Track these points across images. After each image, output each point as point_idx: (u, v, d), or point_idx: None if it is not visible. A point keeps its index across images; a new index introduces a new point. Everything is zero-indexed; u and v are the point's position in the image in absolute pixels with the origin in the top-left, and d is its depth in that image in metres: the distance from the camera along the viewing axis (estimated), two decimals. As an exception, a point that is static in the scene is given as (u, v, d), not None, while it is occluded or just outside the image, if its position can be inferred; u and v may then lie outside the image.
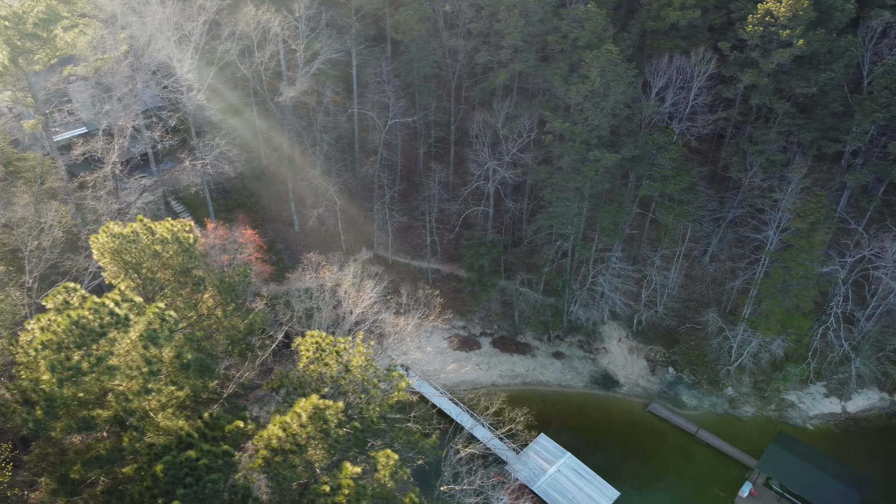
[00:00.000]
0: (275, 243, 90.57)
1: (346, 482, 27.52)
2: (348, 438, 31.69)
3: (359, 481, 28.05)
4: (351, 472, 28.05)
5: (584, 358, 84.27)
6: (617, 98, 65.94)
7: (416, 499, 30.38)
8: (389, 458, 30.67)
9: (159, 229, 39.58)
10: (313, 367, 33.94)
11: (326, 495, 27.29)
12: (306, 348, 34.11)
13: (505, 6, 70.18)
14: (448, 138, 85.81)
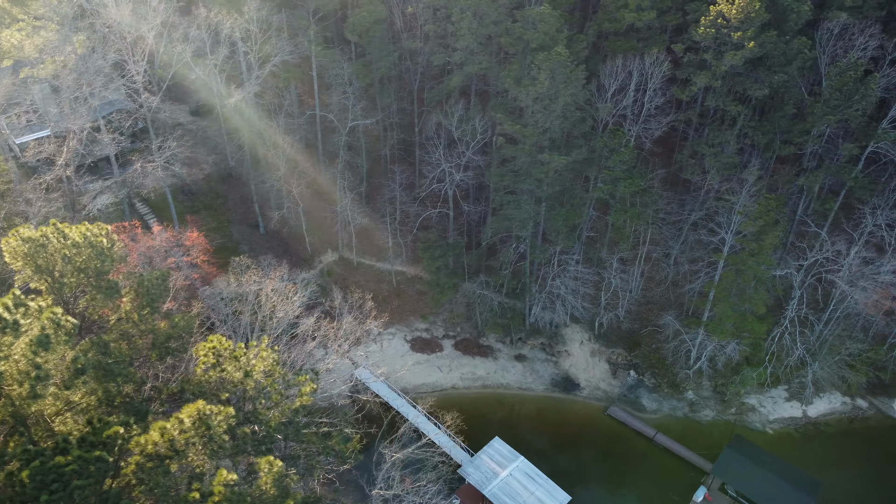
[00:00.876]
0: (239, 245, 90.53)
1: (218, 489, 27.34)
2: (238, 444, 31.51)
3: (233, 488, 27.86)
4: (225, 479, 27.86)
5: (546, 361, 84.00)
6: (566, 100, 65.73)
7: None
8: (272, 465, 30.47)
9: (72, 233, 39.45)
10: (212, 372, 33.78)
11: (197, 502, 27.13)
12: (204, 354, 33.96)
13: (459, 8, 69.99)
14: (411, 140, 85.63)
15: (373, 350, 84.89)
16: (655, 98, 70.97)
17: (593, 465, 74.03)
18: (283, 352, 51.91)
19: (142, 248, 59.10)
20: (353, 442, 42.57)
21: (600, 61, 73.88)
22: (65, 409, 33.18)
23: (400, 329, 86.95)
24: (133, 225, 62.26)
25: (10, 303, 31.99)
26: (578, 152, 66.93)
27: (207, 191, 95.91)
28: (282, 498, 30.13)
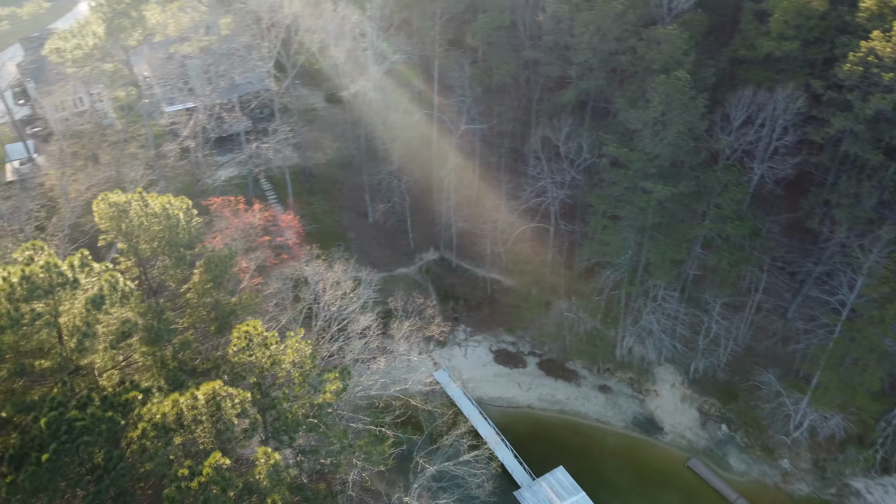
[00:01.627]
0: (346, 231, 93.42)
1: (207, 470, 28.08)
2: (248, 430, 32.28)
3: (224, 472, 28.50)
4: (216, 461, 28.56)
5: (632, 397, 79.76)
6: (680, 128, 61.74)
7: (279, 500, 30.34)
8: (269, 456, 30.87)
9: (153, 203, 42.13)
10: (242, 355, 34.83)
11: (182, 478, 27.99)
12: (237, 337, 35.08)
13: (581, 21, 67.80)
14: (522, 150, 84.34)
15: (456, 354, 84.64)
16: (786, 136, 65.08)
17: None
18: (333, 344, 52.24)
19: (240, 224, 62.18)
20: (384, 446, 42.41)
21: (729, 90, 68.75)
22: (111, 367, 35.53)
23: (486, 338, 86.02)
24: (238, 200, 65.51)
25: (76, 262, 34.65)
26: (687, 184, 62.73)
27: (327, 175, 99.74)
28: (274, 489, 30.53)
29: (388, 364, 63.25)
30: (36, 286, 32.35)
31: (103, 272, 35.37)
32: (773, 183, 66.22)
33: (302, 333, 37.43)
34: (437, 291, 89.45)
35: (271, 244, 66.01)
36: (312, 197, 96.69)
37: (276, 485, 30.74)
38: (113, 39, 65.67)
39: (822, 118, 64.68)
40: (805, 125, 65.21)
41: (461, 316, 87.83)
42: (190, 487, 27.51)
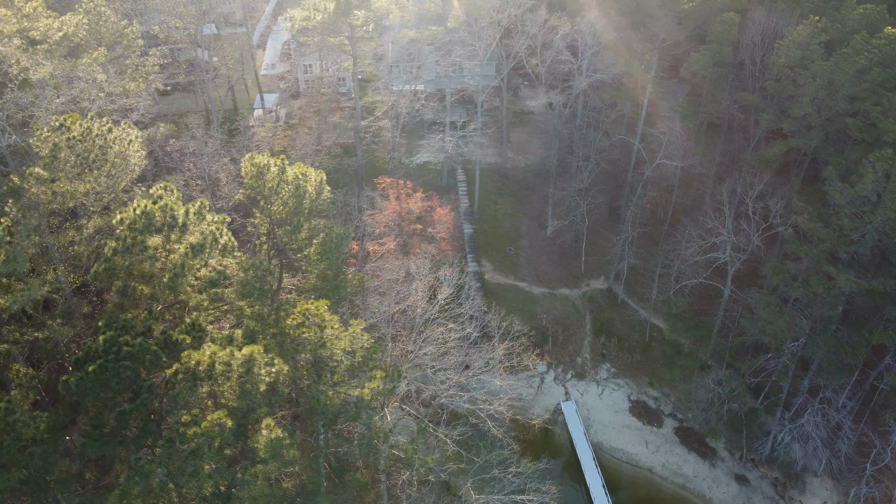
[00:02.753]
0: (521, 238, 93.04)
1: (206, 423, 30.08)
2: (274, 400, 33.90)
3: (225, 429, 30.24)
4: (217, 418, 30.43)
5: (770, 499, 70.14)
6: (893, 215, 52.05)
7: (260, 471, 31.28)
8: (271, 430, 32.08)
9: (289, 171, 45.63)
10: (295, 330, 36.61)
11: (182, 424, 30.26)
12: (299, 311, 36.88)
13: (810, 71, 59.83)
14: (715, 195, 77.06)
15: (591, 391, 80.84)
16: None
17: None
18: (422, 346, 52.04)
19: (398, 207, 64.91)
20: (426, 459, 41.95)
21: None
22: (192, 309, 39.52)
23: (629, 384, 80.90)
24: (404, 184, 68.17)
25: (192, 209, 38.96)
26: (884, 282, 52.95)
27: (521, 179, 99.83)
28: (270, 461, 31.87)
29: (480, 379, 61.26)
30: (150, 222, 36.98)
31: (213, 223, 39.32)
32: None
33: (364, 325, 38.29)
34: (594, 322, 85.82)
35: (422, 233, 67.96)
36: (500, 198, 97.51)
37: (273, 457, 32.16)
38: (339, 16, 71.44)
39: None
40: None
41: (609, 354, 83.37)
42: (186, 434, 29.97)
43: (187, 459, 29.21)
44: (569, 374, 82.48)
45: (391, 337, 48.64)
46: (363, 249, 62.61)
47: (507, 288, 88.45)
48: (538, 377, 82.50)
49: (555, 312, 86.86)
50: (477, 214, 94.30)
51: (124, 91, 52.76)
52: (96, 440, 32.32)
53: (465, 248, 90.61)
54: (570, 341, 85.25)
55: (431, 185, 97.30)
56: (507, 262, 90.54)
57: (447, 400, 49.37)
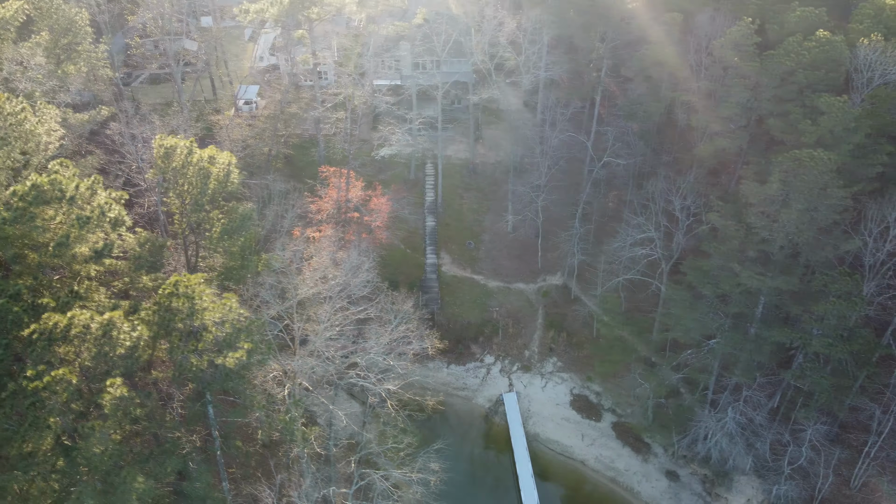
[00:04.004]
0: (483, 233, 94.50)
1: (48, 379, 32.45)
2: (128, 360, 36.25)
3: (70, 386, 32.65)
4: (62, 374, 32.78)
5: (697, 496, 70.82)
6: (800, 216, 52.55)
7: (97, 427, 33.57)
8: (115, 387, 34.34)
9: (197, 152, 48.17)
10: (167, 299, 38.98)
11: (26, 378, 32.61)
12: (171, 282, 39.28)
13: (738, 72, 60.54)
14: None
15: (535, 384, 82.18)
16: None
17: None
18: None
19: (336, 195, 67.10)
20: (308, 431, 43.95)
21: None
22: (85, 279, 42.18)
23: (573, 379, 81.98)
24: (347, 174, 70.17)
25: (83, 186, 41.68)
26: (788, 281, 53.54)
27: (490, 175, 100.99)
28: (112, 417, 34.24)
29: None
30: (40, 195, 39.78)
31: (106, 198, 42.00)
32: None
33: (235, 298, 40.50)
34: (546, 316, 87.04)
35: (359, 221, 69.93)
36: (467, 192, 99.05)
37: (114, 414, 34.51)
38: (296, 10, 73.88)
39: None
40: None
41: (557, 348, 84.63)
42: (27, 388, 32.47)
43: (28, 410, 31.76)
44: (515, 367, 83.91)
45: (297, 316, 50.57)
46: (303, 235, 64.90)
47: (463, 280, 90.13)
48: (484, 368, 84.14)
49: (508, 306, 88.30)
50: (441, 208, 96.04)
51: (63, 73, 55.88)
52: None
53: (426, 240, 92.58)
54: (521, 334, 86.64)
55: (400, 179, 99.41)
56: (466, 256, 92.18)
57: (339, 379, 51.10)
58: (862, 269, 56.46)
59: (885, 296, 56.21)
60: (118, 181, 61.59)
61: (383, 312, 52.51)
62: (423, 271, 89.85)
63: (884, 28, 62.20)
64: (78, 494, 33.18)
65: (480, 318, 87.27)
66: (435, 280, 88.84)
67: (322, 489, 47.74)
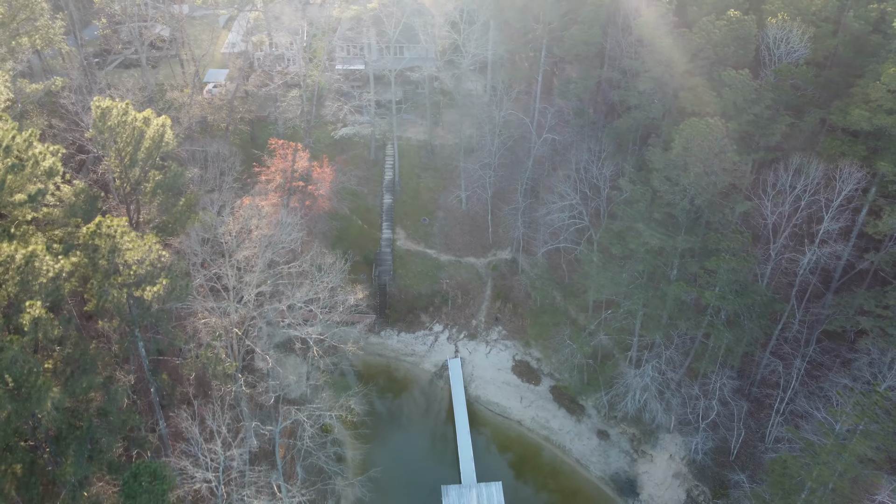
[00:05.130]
0: (438, 210, 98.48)
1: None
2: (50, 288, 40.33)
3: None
4: None
5: (624, 453, 74.67)
6: (698, 179, 56.48)
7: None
8: (36, 309, 38.35)
9: (132, 114, 52.27)
10: (89, 238, 43.09)
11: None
12: (95, 223, 43.38)
13: (653, 49, 64.53)
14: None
15: (480, 350, 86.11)
16: (835, 221, 56.00)
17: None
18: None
19: (284, 165, 71.19)
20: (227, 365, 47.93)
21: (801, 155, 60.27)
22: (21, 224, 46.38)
23: (516, 346, 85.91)
24: (294, 146, 74.17)
25: (20, 138, 45.81)
26: (684, 240, 57.50)
27: (447, 156, 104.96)
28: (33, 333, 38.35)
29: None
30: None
31: (40, 150, 46.16)
32: (809, 272, 57.51)
33: (154, 239, 44.66)
34: (494, 288, 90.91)
35: (303, 190, 73.89)
36: (424, 172, 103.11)
37: (32, 331, 38.57)
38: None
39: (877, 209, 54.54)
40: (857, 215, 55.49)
41: (503, 318, 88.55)
42: None
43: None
44: (462, 335, 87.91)
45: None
46: (253, 203, 68.93)
47: (416, 254, 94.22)
48: (433, 336, 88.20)
49: (458, 278, 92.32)
50: (399, 187, 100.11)
51: (17, 45, 60.08)
52: None
53: (382, 216, 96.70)
54: (469, 305, 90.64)
55: (360, 158, 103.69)
56: (421, 231, 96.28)
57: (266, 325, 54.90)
58: (767, 231, 60.44)
59: (786, 256, 60.02)
60: (72, 147, 65.75)
61: (311, 268, 56.40)
62: (379, 245, 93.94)
63: (793, 9, 66.10)
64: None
65: (431, 289, 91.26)
66: (389, 254, 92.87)
67: (248, 424, 51.80)
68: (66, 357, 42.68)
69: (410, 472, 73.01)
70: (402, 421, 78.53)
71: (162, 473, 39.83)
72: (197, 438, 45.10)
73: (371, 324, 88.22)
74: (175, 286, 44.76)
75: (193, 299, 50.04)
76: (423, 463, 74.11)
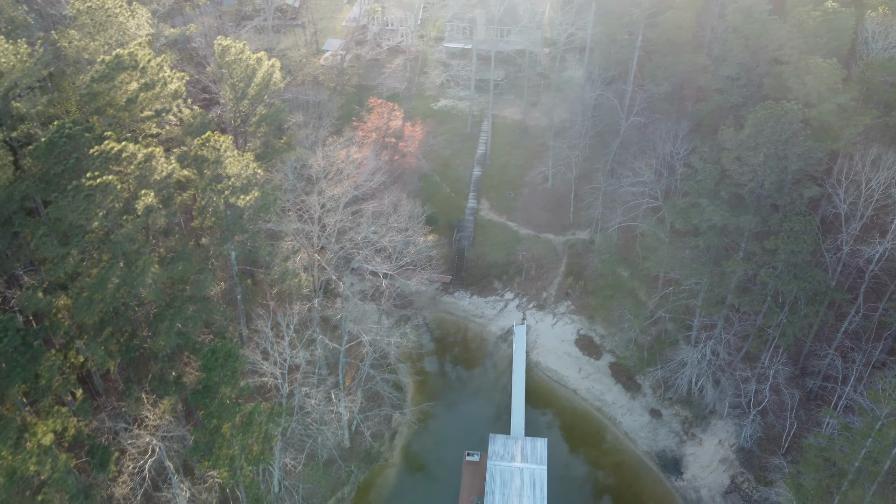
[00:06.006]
0: (523, 186, 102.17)
1: (101, 181, 43.91)
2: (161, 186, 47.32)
3: (109, 188, 43.98)
4: (107, 180, 44.08)
5: (674, 434, 75.88)
6: (767, 161, 57.51)
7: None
8: (149, 198, 45.28)
9: (248, 54, 59.49)
10: (198, 149, 50.02)
11: (86, 178, 44.11)
12: (204, 137, 50.30)
13: (740, 34, 65.69)
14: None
15: (546, 321, 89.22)
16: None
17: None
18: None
19: (378, 121, 77.47)
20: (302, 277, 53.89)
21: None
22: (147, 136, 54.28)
23: (581, 321, 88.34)
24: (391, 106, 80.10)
25: (154, 62, 53.72)
26: (748, 219, 58.72)
27: (539, 136, 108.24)
28: (144, 217, 45.50)
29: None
30: (119, 63, 52.13)
31: (171, 73, 54.07)
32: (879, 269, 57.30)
33: (252, 157, 51.29)
34: (568, 265, 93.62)
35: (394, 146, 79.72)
36: (515, 150, 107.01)
37: (144, 215, 45.56)
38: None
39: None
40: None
41: (573, 294, 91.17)
42: (85, 185, 43.94)
43: (83, 200, 43.52)
44: (531, 305, 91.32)
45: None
46: (348, 153, 75.62)
47: (497, 225, 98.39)
48: (503, 302, 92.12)
49: (534, 252, 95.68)
50: (489, 161, 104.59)
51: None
52: (42, 186, 47.61)
53: (470, 187, 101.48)
54: (541, 278, 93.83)
55: (456, 132, 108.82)
56: (504, 204, 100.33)
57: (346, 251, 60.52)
58: (840, 222, 60.48)
59: (854, 247, 59.75)
60: (198, 87, 74.58)
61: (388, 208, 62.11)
62: (463, 213, 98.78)
63: (895, 4, 65.22)
64: (108, 266, 44.59)
65: (507, 259, 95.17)
66: (472, 222, 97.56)
67: (318, 336, 57.99)
68: (168, 248, 50.06)
69: (465, 418, 77.52)
70: (463, 374, 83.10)
71: (236, 353, 46.19)
72: (268, 335, 51.47)
73: (447, 284, 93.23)
74: (266, 199, 51.32)
75: (280, 220, 56.66)
76: (478, 413, 78.35)
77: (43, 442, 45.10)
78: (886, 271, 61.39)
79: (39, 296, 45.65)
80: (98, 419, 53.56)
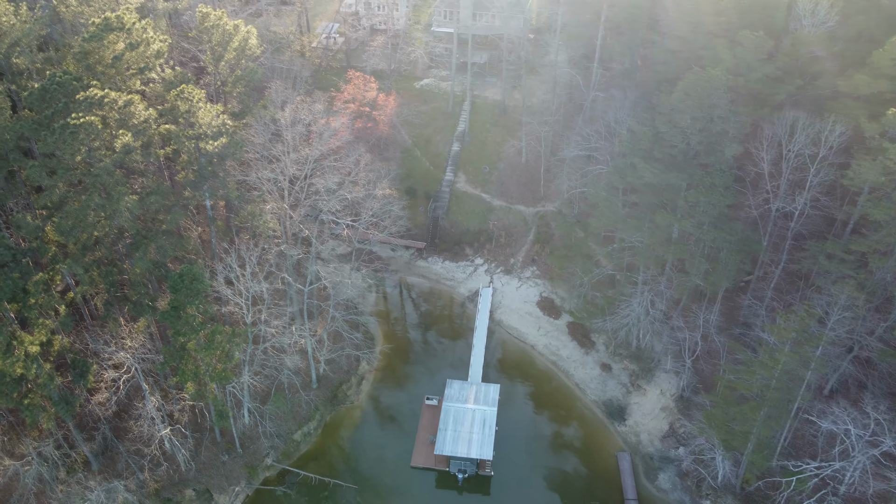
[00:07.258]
0: (499, 161, 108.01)
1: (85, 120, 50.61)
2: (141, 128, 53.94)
3: (91, 127, 50.64)
4: (90, 120, 50.80)
5: (622, 386, 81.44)
6: (695, 123, 63.01)
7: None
8: (126, 136, 51.88)
9: (227, 21, 66.06)
10: (173, 100, 56.64)
11: (72, 117, 50.80)
12: (179, 89, 56.83)
13: (680, 9, 71.12)
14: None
15: (511, 284, 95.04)
16: (819, 173, 60.91)
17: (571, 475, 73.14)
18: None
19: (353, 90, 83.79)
20: (250, 208, 60.48)
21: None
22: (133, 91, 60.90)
23: (544, 284, 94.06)
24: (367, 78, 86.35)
25: (139, 24, 60.38)
26: (676, 176, 64.27)
27: (517, 117, 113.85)
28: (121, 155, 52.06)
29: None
30: (108, 24, 58.90)
31: (153, 35, 60.71)
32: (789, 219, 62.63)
33: (221, 108, 57.83)
34: (536, 234, 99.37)
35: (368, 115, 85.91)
36: (494, 127, 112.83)
37: (122, 152, 52.21)
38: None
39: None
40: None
41: (539, 260, 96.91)
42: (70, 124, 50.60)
43: (68, 137, 50.30)
44: (499, 270, 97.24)
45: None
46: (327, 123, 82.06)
47: (472, 197, 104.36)
48: (473, 267, 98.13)
49: (506, 222, 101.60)
50: (468, 137, 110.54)
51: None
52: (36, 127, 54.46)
53: (448, 161, 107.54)
54: (510, 245, 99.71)
55: (439, 111, 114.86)
56: (480, 178, 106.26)
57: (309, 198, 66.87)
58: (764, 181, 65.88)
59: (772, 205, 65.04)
60: (187, 56, 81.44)
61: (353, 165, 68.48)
62: (440, 185, 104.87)
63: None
64: (90, 195, 51.30)
65: (479, 228, 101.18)
66: (447, 193, 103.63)
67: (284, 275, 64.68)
68: (144, 185, 56.75)
69: (428, 369, 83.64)
70: (430, 330, 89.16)
71: (201, 276, 52.63)
72: (233, 266, 57.92)
73: (421, 250, 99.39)
74: (232, 144, 57.83)
75: (250, 168, 63.23)
76: (441, 364, 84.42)
77: (30, 350, 51.84)
78: (808, 229, 66.73)
79: (29, 219, 52.53)
80: (81, 342, 60.31)
